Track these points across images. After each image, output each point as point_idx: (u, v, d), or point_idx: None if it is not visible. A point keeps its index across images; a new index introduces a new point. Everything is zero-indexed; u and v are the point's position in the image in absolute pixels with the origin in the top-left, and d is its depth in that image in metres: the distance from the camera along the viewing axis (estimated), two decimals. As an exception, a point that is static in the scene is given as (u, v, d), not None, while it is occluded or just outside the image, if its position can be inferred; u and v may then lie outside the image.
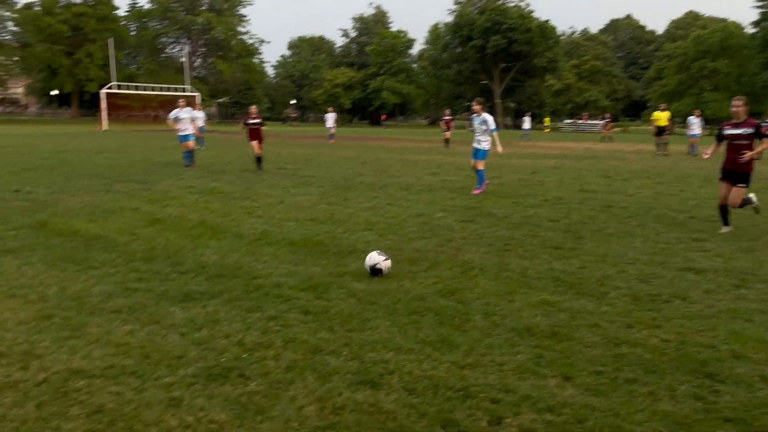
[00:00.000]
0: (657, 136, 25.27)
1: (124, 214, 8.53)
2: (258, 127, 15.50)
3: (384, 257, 5.58)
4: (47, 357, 3.66)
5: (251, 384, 3.37)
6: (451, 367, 3.61)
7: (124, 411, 3.04)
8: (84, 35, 69.98)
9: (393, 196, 11.05)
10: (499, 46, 77.12)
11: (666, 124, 25.26)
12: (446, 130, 28.80)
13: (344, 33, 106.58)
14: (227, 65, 78.32)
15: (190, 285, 5.18)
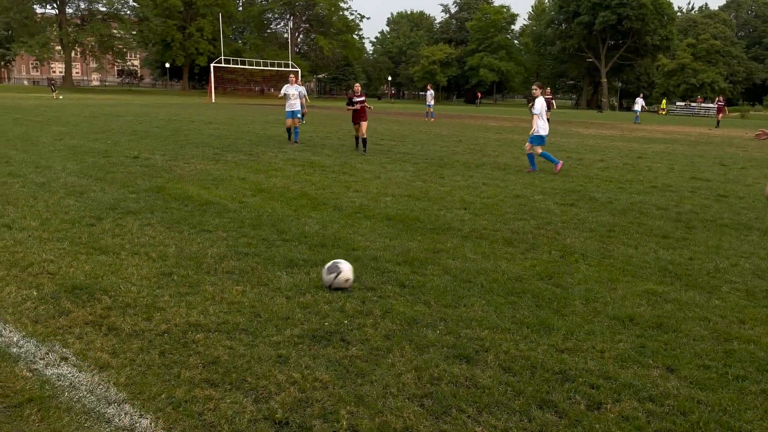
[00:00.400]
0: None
1: (233, 183, 9.02)
2: (363, 106, 14.39)
3: (334, 273, 4.46)
4: (168, 310, 3.99)
5: (352, 348, 3.52)
6: (549, 350, 3.59)
7: (237, 364, 3.28)
8: (196, 10, 73.56)
9: (489, 175, 10.92)
10: (608, 22, 73.29)
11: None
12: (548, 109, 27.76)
13: (444, 8, 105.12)
14: (328, 41, 79.75)
15: (294, 252, 5.43)
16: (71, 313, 3.86)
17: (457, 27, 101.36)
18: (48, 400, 2.85)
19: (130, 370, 3.17)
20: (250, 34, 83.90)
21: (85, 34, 69.11)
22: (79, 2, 71.47)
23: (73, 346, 3.41)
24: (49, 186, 8.12)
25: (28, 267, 4.73)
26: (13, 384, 2.98)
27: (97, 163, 10.30)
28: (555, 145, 17.83)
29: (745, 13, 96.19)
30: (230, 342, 3.54)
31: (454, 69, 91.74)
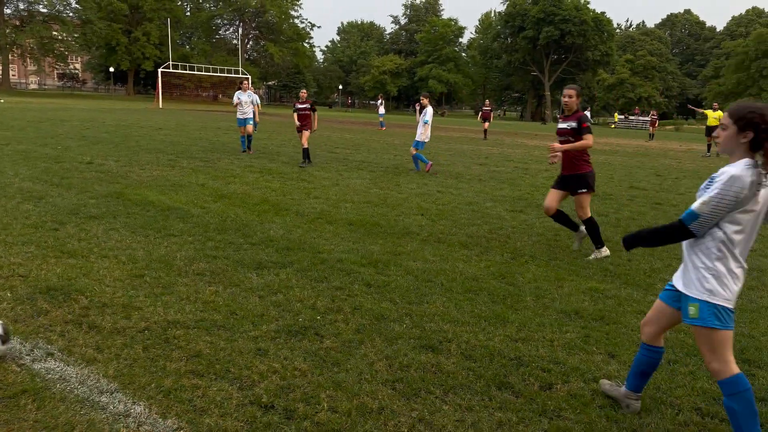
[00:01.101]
0: (708, 136, 24.88)
1: (192, 189, 9.10)
2: (308, 113, 13.68)
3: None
4: (145, 309, 4.16)
5: (326, 341, 3.78)
6: (505, 340, 3.96)
7: (220, 356, 3.49)
8: (142, 14, 72.00)
9: (443, 183, 11.36)
10: (551, 37, 76.01)
11: (716, 123, 24.73)
12: (484, 121, 28.27)
13: (394, 20, 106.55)
14: (278, 49, 79.42)
15: (262, 255, 5.64)
16: (50, 313, 3.97)
17: (406, 38, 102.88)
18: (41, 392, 3.00)
19: (117, 363, 3.34)
20: (198, 40, 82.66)
21: (24, 36, 66.47)
22: (18, 3, 68.77)
23: (56, 343, 3.55)
24: (4, 191, 8.01)
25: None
26: (3, 378, 3.11)
27: (50, 169, 10.17)
28: (502, 156, 18.54)
29: (679, 32, 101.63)
30: (210, 337, 3.75)
31: (404, 80, 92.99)
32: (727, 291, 2.68)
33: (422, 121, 12.88)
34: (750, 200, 2.62)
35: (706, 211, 2.66)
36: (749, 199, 2.62)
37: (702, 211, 2.67)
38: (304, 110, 13.81)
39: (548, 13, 75.62)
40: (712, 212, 2.64)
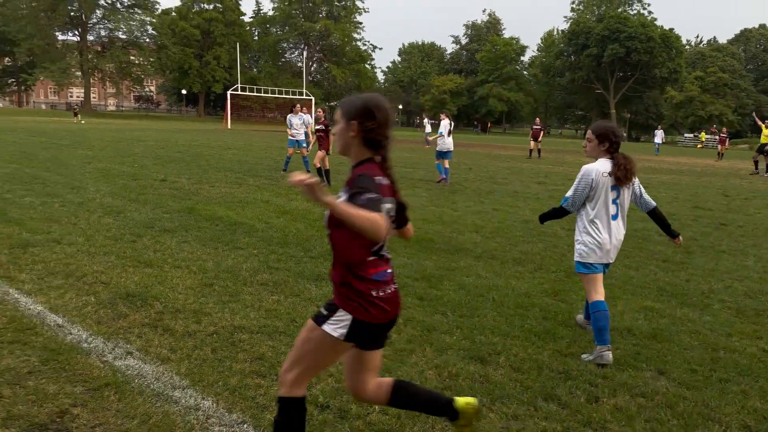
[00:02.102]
0: (760, 153, 23.06)
1: (258, 205, 9.56)
2: (324, 135, 13.21)
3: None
4: (214, 315, 4.48)
5: (379, 350, 3.98)
6: (554, 354, 4.04)
7: (280, 359, 3.75)
8: (213, 39, 75.48)
9: (499, 201, 11.42)
10: (616, 55, 74.45)
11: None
12: (534, 139, 26.62)
13: (455, 39, 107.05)
14: (341, 70, 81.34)
15: (321, 268, 5.92)
16: (129, 316, 4.36)
17: (467, 58, 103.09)
18: (122, 385, 3.33)
19: (188, 363, 3.66)
20: (265, 63, 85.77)
21: (105, 61, 71.04)
22: (99, 30, 73.66)
23: (135, 343, 3.91)
24: (87, 206, 8.69)
25: (83, 277, 5.25)
26: (89, 372, 3.47)
27: (128, 186, 10.91)
28: (563, 175, 18.34)
29: (754, 47, 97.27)
30: (272, 342, 4.02)
31: (464, 99, 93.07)
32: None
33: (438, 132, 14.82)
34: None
35: None
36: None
37: None
38: (320, 132, 13.40)
39: (613, 31, 74.21)
40: None
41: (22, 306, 4.45)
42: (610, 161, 4.04)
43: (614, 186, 4.03)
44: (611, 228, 4.08)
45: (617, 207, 4.11)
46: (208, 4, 77.49)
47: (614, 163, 4.02)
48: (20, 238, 6.47)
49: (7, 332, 3.94)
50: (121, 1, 72.89)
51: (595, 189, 4.02)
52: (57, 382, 3.31)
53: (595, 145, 4.11)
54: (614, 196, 4.06)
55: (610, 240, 4.08)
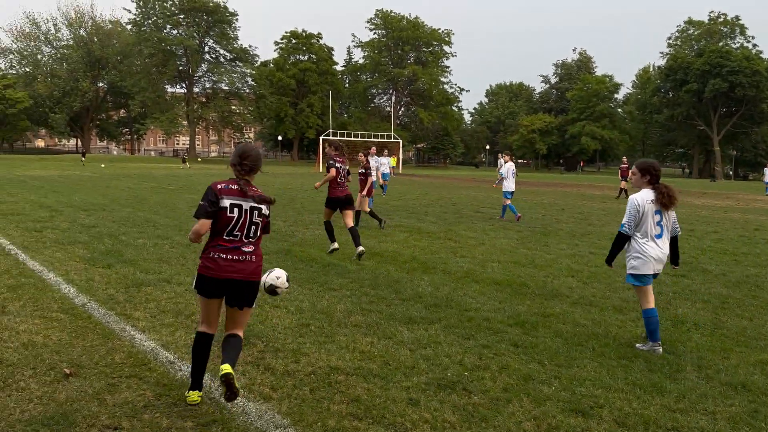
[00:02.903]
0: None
1: (349, 247, 9.78)
2: (363, 178, 12.95)
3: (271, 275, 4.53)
4: (311, 355, 4.62)
5: (474, 397, 3.93)
6: (662, 409, 3.81)
7: (376, 402, 3.79)
8: (307, 88, 79.24)
9: (596, 245, 11.01)
10: (718, 90, 70.77)
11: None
12: (623, 179, 25.39)
13: (544, 79, 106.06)
14: (427, 113, 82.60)
15: (412, 311, 5.95)
16: (233, 354, 4.57)
17: (557, 96, 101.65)
18: (227, 422, 3.49)
19: (289, 402, 3.77)
20: (356, 108, 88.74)
21: (209, 111, 76.28)
22: (204, 82, 79.40)
23: (239, 381, 4.08)
24: (194, 247, 9.25)
25: (191, 315, 5.58)
26: (198, 408, 3.67)
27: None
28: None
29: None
30: (367, 384, 4.08)
31: (554, 137, 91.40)
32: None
33: (501, 174, 15.73)
34: None
35: None
36: None
37: None
38: (360, 175, 13.05)
39: (714, 65, 70.76)
40: None
41: (137, 342, 4.79)
42: (653, 191, 4.98)
43: (657, 210, 4.99)
44: (657, 244, 4.99)
45: (661, 228, 5.02)
46: (303, 56, 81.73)
47: (657, 191, 4.98)
48: (135, 278, 6.99)
49: (125, 367, 4.25)
50: (224, 56, 78.45)
51: (643, 214, 4.96)
52: (169, 417, 3.52)
53: (638, 177, 5.13)
54: (658, 219, 5.00)
55: (655, 255, 4.97)
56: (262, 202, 3.82)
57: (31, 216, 12.49)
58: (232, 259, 3.69)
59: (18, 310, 5.56)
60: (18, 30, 74.39)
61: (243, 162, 3.86)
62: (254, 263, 3.80)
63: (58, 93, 72.84)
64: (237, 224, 3.71)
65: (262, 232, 3.89)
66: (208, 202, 3.70)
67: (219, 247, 3.70)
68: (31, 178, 27.31)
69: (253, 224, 3.79)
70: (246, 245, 3.77)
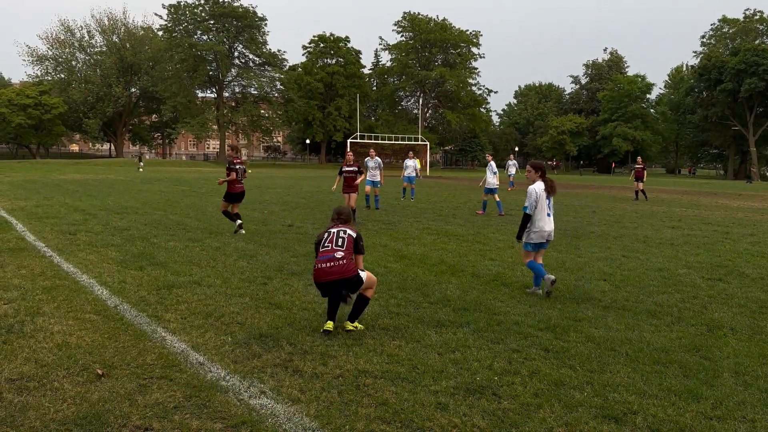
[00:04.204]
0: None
1: (376, 250, 9.79)
2: (355, 176, 13.96)
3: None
4: (339, 358, 4.61)
5: (504, 402, 3.87)
6: (698, 416, 3.70)
7: (404, 406, 3.76)
8: (335, 91, 79.65)
9: (628, 248, 10.80)
10: (755, 89, 68.89)
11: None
12: (637, 180, 24.98)
13: (574, 79, 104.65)
14: (455, 115, 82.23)
15: (440, 314, 5.91)
16: (262, 356, 4.60)
17: (587, 97, 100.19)
18: (257, 424, 3.50)
19: (317, 404, 3.77)
20: (383, 111, 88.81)
21: (239, 115, 77.18)
22: (234, 87, 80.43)
23: (268, 383, 4.10)
24: (224, 250, 9.37)
25: (221, 317, 5.63)
26: (228, 409, 3.69)
27: (259, 231, 11.64)
28: (699, 218, 17.05)
29: None
30: (395, 388, 4.05)
31: (585, 138, 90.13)
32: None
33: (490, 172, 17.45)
34: None
35: None
36: None
37: None
38: (351, 173, 13.97)
39: (750, 64, 68.88)
40: None
41: (168, 344, 4.85)
42: (543, 182, 6.88)
43: (547, 196, 6.89)
44: (547, 221, 6.89)
45: (550, 209, 6.95)
46: (331, 59, 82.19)
47: (546, 183, 6.89)
48: (166, 280, 7.09)
49: (156, 368, 4.30)
50: (253, 60, 79.35)
51: (539, 199, 6.82)
52: (199, 418, 3.54)
53: (533, 173, 6.99)
54: (548, 202, 6.91)
55: (548, 229, 6.90)
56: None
57: (65, 219, 12.80)
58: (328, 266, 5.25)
59: (53, 311, 5.69)
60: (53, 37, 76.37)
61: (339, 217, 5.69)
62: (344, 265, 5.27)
63: (92, 98, 74.55)
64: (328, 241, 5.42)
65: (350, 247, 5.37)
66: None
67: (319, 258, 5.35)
68: (65, 181, 28.02)
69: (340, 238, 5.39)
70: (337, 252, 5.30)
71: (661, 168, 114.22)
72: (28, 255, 8.53)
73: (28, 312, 5.61)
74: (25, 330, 5.09)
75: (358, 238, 5.42)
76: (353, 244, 5.35)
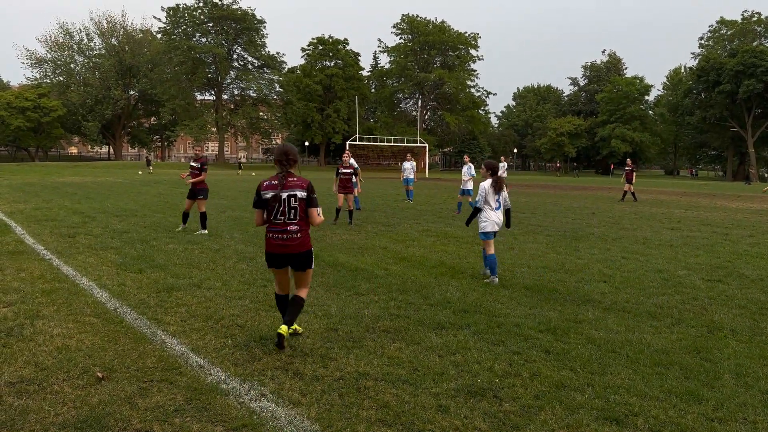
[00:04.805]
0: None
1: (376, 251, 9.78)
2: (349, 177, 14.07)
3: None
4: (339, 360, 4.60)
5: (505, 404, 3.87)
6: (699, 418, 3.70)
7: (405, 409, 3.76)
8: (334, 93, 79.73)
9: (628, 249, 10.80)
10: (753, 90, 69.01)
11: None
12: (627, 182, 25.21)
13: (573, 81, 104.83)
14: (454, 117, 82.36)
15: (440, 316, 5.90)
16: (262, 359, 4.59)
17: (586, 99, 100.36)
18: (257, 427, 3.50)
19: (318, 407, 3.76)
20: (382, 113, 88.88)
21: (238, 117, 77.27)
22: (233, 89, 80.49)
23: (268, 386, 4.09)
24: (223, 252, 9.36)
25: (221, 320, 5.62)
26: (228, 412, 3.68)
27: (259, 233, 11.62)
28: (698, 219, 17.06)
29: None
30: (396, 390, 4.04)
31: (584, 140, 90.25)
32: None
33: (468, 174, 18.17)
34: None
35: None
36: None
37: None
38: (347, 175, 14.14)
39: (748, 65, 69.03)
40: None
41: (168, 346, 4.84)
42: (491, 180, 7.69)
43: (495, 191, 7.69)
44: (496, 213, 7.69)
45: (498, 203, 7.73)
46: (330, 62, 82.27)
47: (494, 180, 7.70)
48: (166, 283, 7.08)
49: (156, 371, 4.29)
50: (252, 63, 79.42)
51: (487, 194, 7.64)
52: (200, 421, 3.53)
53: (485, 172, 7.80)
54: (496, 197, 7.72)
55: (495, 220, 7.67)
56: (296, 188, 4.87)
57: (65, 222, 12.78)
58: (281, 238, 4.83)
59: (52, 314, 5.67)
60: (52, 40, 76.42)
61: (288, 158, 4.96)
62: (299, 238, 4.87)
63: (90, 101, 74.56)
64: (278, 210, 4.82)
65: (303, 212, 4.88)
66: (257, 196, 4.91)
67: (270, 229, 4.89)
68: (64, 184, 27.99)
69: (292, 208, 4.82)
70: (290, 225, 4.84)
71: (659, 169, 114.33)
72: (27, 258, 8.51)
73: (28, 315, 5.60)
74: (24, 333, 5.08)
75: (309, 191, 4.91)
76: (305, 205, 4.90)
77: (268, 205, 4.83)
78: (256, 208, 4.92)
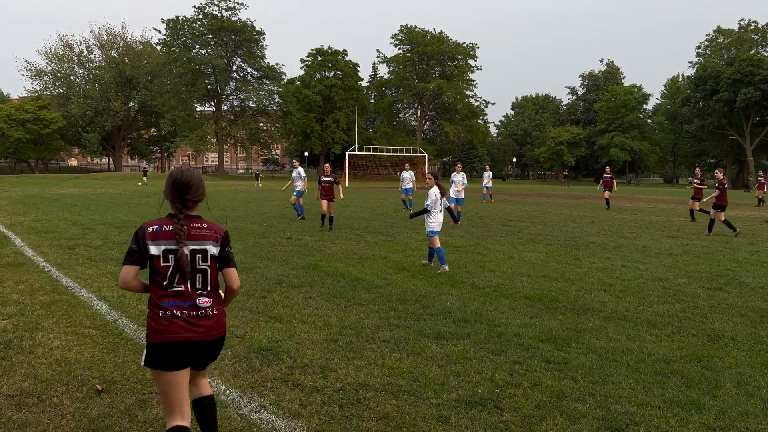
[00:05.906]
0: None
1: (376, 261, 9.78)
2: (330, 185, 15.08)
3: None
4: (340, 371, 4.59)
5: (506, 415, 3.85)
6: (701, 427, 3.68)
7: (405, 420, 3.74)
8: (333, 104, 79.91)
9: (628, 258, 10.79)
10: (751, 98, 69.17)
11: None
12: (606, 189, 25.35)
13: (571, 90, 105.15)
14: (453, 127, 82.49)
15: (441, 326, 5.89)
16: (262, 371, 4.58)
17: (584, 108, 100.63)
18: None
19: (318, 419, 3.75)
20: (381, 123, 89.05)
21: (237, 128, 77.33)
22: (233, 100, 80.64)
23: (268, 397, 4.08)
24: (223, 263, 9.33)
25: (220, 330, 5.60)
26: (228, 424, 3.66)
27: (258, 243, 11.62)
28: (697, 227, 17.07)
29: None
30: (396, 401, 4.03)
31: (583, 149, 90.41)
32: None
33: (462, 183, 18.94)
34: None
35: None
36: None
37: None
38: (328, 183, 15.17)
39: (746, 74, 69.24)
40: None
41: (168, 357, 4.81)
42: (437, 187, 9.20)
43: (441, 196, 9.25)
44: (440, 215, 9.32)
45: (441, 207, 9.29)
46: (329, 72, 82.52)
47: (439, 187, 9.24)
48: (166, 293, 7.06)
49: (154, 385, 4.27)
50: (251, 74, 79.66)
51: (437, 199, 9.19)
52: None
53: (431, 179, 9.23)
54: (442, 201, 9.29)
55: (440, 220, 9.25)
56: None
57: (64, 233, 12.78)
58: (186, 317, 2.92)
59: (51, 326, 5.66)
60: (52, 52, 76.68)
61: (190, 193, 3.17)
62: (215, 316, 3.00)
63: (90, 113, 74.68)
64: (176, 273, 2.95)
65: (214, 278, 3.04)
66: (136, 245, 3.06)
67: (165, 304, 2.94)
68: (64, 196, 28.00)
69: (200, 271, 2.99)
70: (200, 297, 2.98)
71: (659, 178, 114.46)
72: (26, 270, 8.51)
73: (27, 327, 5.59)
74: (23, 345, 5.07)
75: (224, 243, 3.12)
76: (217, 267, 3.08)
77: (156, 264, 2.98)
78: (127, 264, 3.04)
